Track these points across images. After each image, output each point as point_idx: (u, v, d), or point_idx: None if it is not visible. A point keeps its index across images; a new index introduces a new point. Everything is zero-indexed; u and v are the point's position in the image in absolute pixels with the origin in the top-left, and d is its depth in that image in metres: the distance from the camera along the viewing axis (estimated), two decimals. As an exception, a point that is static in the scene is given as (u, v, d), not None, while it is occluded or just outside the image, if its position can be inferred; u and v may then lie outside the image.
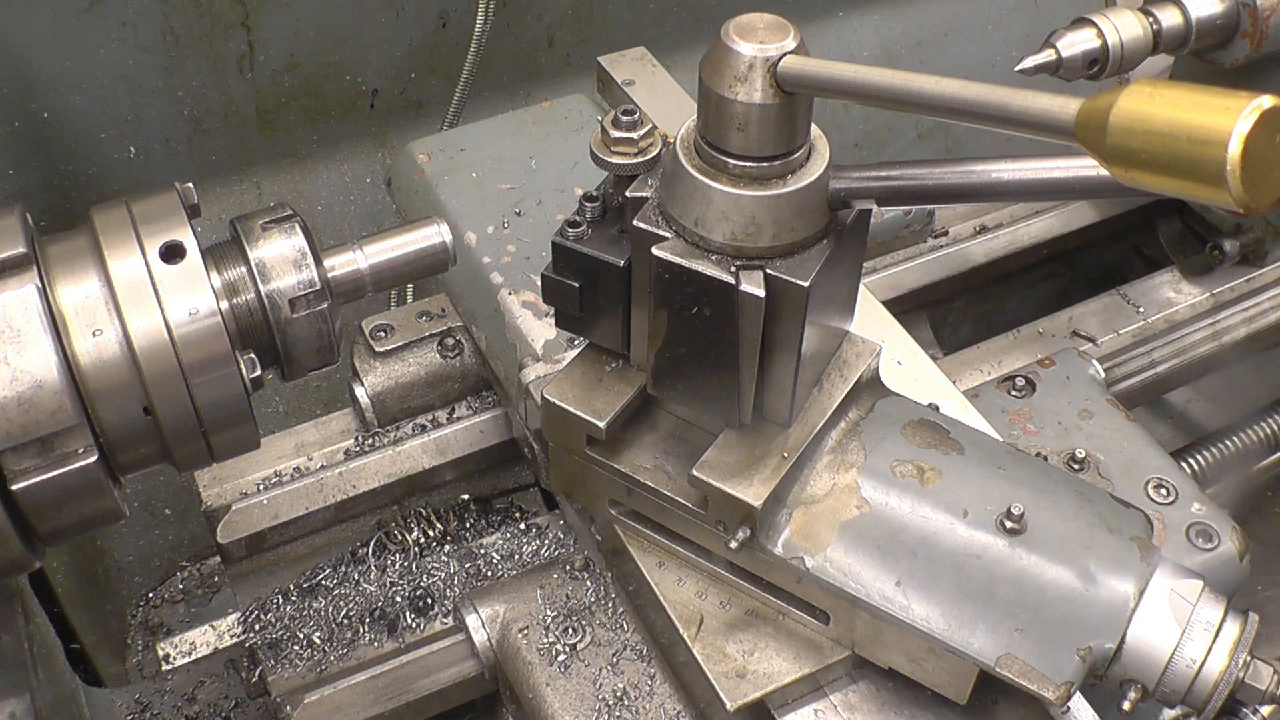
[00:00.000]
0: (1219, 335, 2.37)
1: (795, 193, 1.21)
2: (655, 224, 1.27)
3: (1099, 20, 2.01)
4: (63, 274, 1.18)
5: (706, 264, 1.23)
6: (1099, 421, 1.87)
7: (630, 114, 1.30)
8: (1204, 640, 1.28)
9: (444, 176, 1.97)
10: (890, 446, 1.42)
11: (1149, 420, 2.71)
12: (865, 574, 1.34)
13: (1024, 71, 2.00)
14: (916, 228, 2.18)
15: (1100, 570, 1.32)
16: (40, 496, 1.16)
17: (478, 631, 1.59)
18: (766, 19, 1.17)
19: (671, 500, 1.42)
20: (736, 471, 1.35)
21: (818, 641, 1.43)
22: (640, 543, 1.51)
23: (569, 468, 1.50)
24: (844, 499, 1.38)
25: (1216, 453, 2.43)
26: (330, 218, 2.86)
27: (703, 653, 1.41)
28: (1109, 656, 1.30)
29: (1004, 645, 1.29)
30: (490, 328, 1.82)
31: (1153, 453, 1.83)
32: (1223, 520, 1.73)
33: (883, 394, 1.49)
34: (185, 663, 2.36)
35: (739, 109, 1.16)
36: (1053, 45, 2.00)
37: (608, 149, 1.32)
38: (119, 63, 2.48)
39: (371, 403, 1.91)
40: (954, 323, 2.61)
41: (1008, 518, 1.33)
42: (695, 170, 1.22)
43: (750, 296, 1.22)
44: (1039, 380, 1.94)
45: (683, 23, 3.02)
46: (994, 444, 1.47)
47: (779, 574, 1.41)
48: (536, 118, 2.09)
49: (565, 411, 1.42)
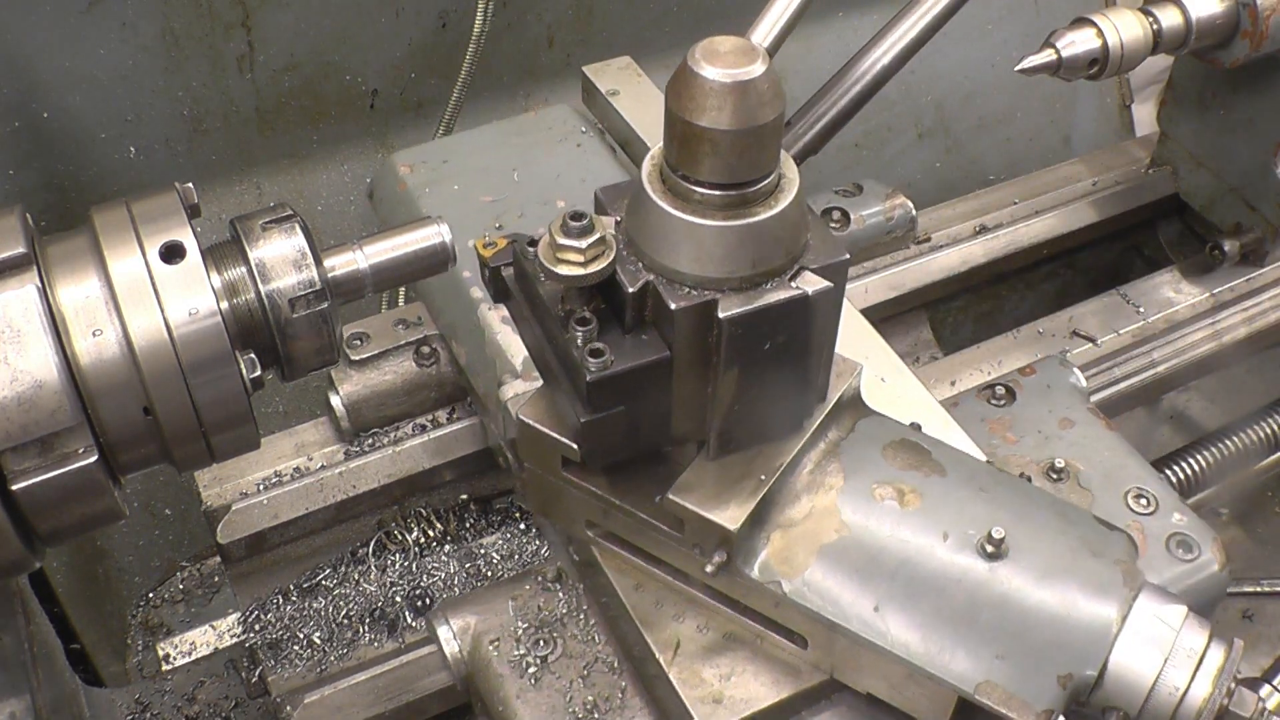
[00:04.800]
0: (1219, 335, 2.37)
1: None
2: (690, 295, 1.20)
3: (1099, 20, 2.01)
4: (63, 274, 1.18)
5: (774, 293, 1.20)
6: (1079, 431, 1.84)
7: (579, 219, 1.20)
8: (1187, 667, 1.26)
9: (426, 188, 1.94)
10: (870, 468, 1.39)
11: (1147, 421, 2.71)
12: (844, 598, 1.32)
13: (1024, 71, 2.00)
14: (899, 234, 2.16)
15: (1083, 595, 1.29)
16: (40, 496, 1.16)
17: (449, 643, 1.56)
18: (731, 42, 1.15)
19: (647, 523, 1.38)
20: (713, 494, 1.32)
21: (796, 666, 1.40)
22: (617, 564, 1.48)
23: (545, 488, 1.46)
24: (823, 522, 1.35)
25: (1216, 453, 2.42)
26: (330, 218, 2.86)
27: (679, 677, 1.38)
28: (1091, 683, 1.27)
29: (984, 672, 1.27)
30: (470, 343, 1.79)
31: (1133, 462, 1.80)
32: (1203, 531, 1.71)
33: (864, 413, 1.46)
34: (185, 663, 2.36)
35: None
36: (1053, 45, 2.00)
37: (554, 258, 1.21)
38: (119, 63, 2.47)
39: (347, 411, 1.90)
40: (954, 323, 2.61)
41: (989, 541, 1.31)
42: (693, 215, 1.19)
43: (823, 293, 1.21)
44: (1019, 389, 1.91)
45: (683, 23, 3.01)
46: (976, 465, 1.45)
47: (756, 598, 1.38)
48: (520, 128, 2.06)
49: (540, 432, 1.38)
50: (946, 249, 2.43)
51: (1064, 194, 2.56)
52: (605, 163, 2.01)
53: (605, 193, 1.33)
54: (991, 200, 2.55)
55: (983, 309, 2.63)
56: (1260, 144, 2.30)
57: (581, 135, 2.05)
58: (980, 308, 2.62)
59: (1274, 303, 2.42)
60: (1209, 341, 2.36)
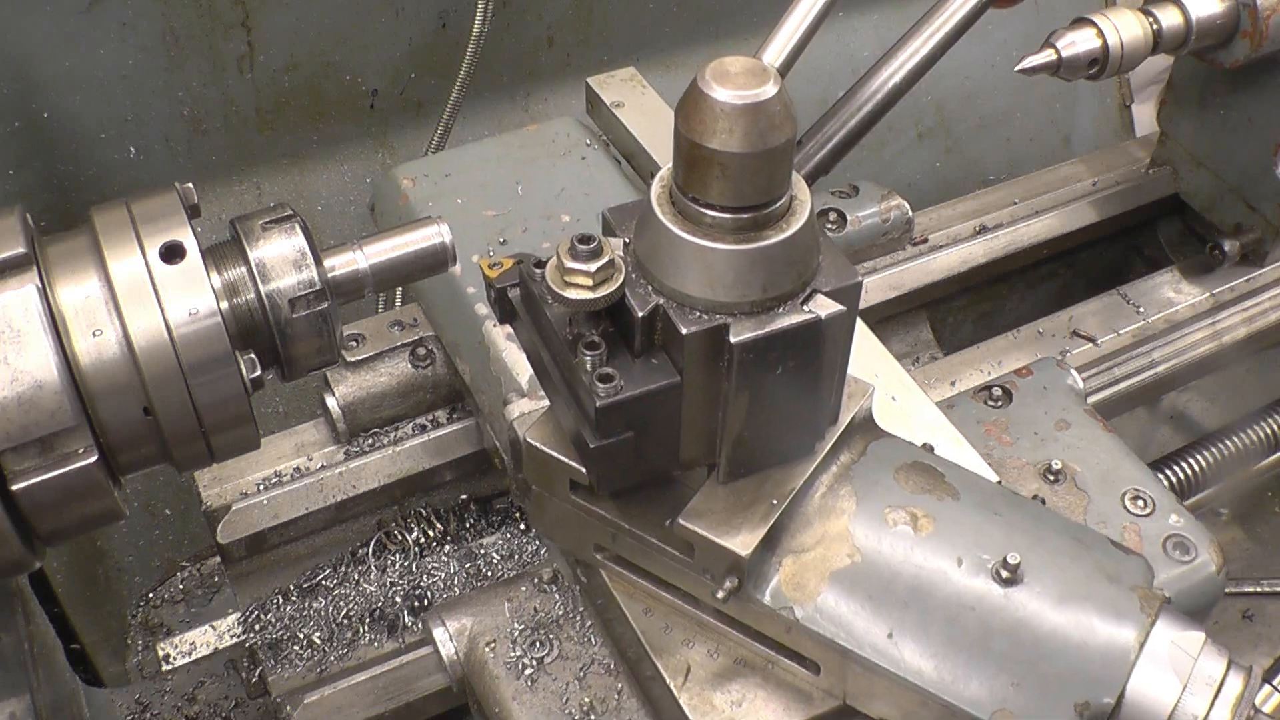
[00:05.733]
0: (1219, 335, 2.37)
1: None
2: (701, 319, 1.18)
3: (1099, 20, 2.01)
4: (63, 274, 1.18)
5: (785, 317, 1.19)
6: (1076, 432, 1.83)
7: (587, 242, 1.18)
8: (1205, 695, 1.24)
9: (428, 202, 1.92)
10: (883, 492, 1.37)
11: (1147, 421, 2.71)
12: (856, 625, 1.30)
13: (1024, 71, 2.00)
14: (895, 235, 2.16)
15: (1099, 621, 1.27)
16: (40, 497, 1.16)
17: (445, 645, 1.56)
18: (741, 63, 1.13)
19: (657, 548, 1.37)
20: (724, 520, 1.30)
21: (808, 692, 1.38)
22: (626, 588, 1.46)
23: (552, 511, 1.44)
24: (835, 547, 1.33)
25: (1216, 453, 2.42)
26: (330, 218, 2.86)
27: (689, 703, 1.37)
28: (1108, 712, 1.25)
29: (999, 700, 1.25)
30: (474, 361, 1.77)
31: (1130, 464, 1.79)
32: (1200, 533, 1.70)
33: (876, 435, 1.44)
34: (185, 663, 2.36)
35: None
36: (1053, 45, 2.00)
37: (562, 281, 1.19)
38: (119, 63, 2.47)
39: (343, 413, 1.89)
40: (954, 323, 2.61)
41: (1004, 566, 1.29)
42: (713, 241, 1.17)
43: (835, 316, 1.19)
44: (1016, 390, 1.90)
45: (683, 23, 3.01)
46: (990, 488, 1.43)
47: (768, 623, 1.36)
48: (523, 141, 2.04)
49: (547, 455, 1.36)
50: (946, 249, 2.43)
51: (1064, 194, 2.56)
52: (610, 176, 1.99)
53: (614, 214, 1.31)
54: (991, 200, 2.55)
55: (983, 309, 2.63)
56: (1260, 144, 2.30)
57: (586, 148, 2.02)
58: (980, 308, 2.62)
59: (1274, 303, 2.42)
60: (1209, 342, 2.36)
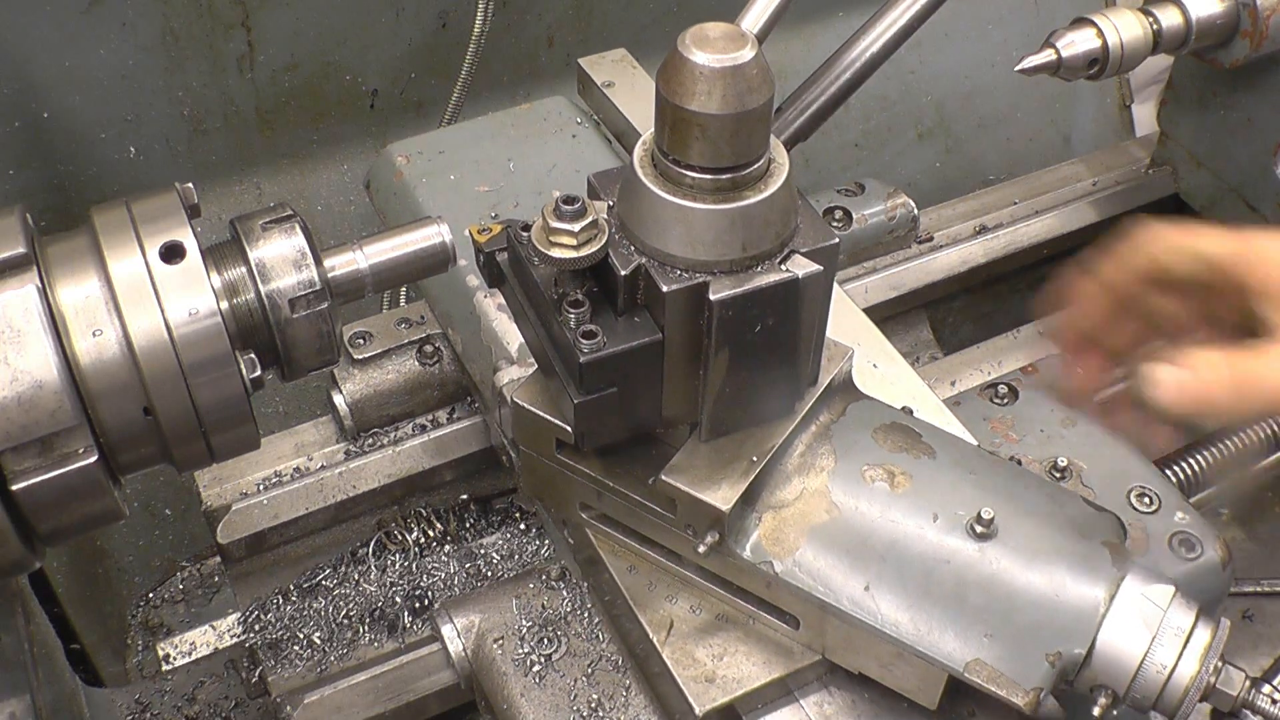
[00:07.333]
0: (1219, 335, 2.36)
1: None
2: (681, 277, 1.21)
3: (1099, 20, 2.01)
4: (63, 274, 1.18)
5: (764, 276, 1.21)
6: (1081, 429, 1.84)
7: (571, 203, 1.22)
8: (1174, 646, 1.27)
9: (422, 179, 1.97)
10: (861, 450, 1.41)
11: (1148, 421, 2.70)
12: (834, 578, 1.33)
13: (1024, 71, 2.00)
14: (901, 233, 2.16)
15: (1071, 575, 1.31)
16: (40, 497, 1.16)
17: (453, 642, 1.58)
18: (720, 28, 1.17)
19: (640, 504, 1.40)
20: (705, 476, 1.34)
21: (788, 646, 1.41)
22: (611, 547, 1.49)
23: (540, 472, 1.48)
24: (814, 503, 1.37)
25: (1217, 453, 2.42)
26: (330, 218, 2.86)
27: (672, 657, 1.40)
28: (1079, 662, 1.28)
29: (973, 650, 1.28)
30: (466, 331, 1.81)
31: (1135, 461, 1.81)
32: (1206, 529, 1.71)
33: (855, 397, 1.48)
34: (185, 663, 2.37)
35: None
36: (1053, 45, 2.00)
37: (547, 241, 1.23)
38: (119, 63, 2.47)
39: (350, 410, 1.90)
40: (954, 323, 2.61)
41: (978, 522, 1.32)
42: (687, 199, 1.20)
43: (813, 276, 1.22)
44: (1022, 388, 1.93)
45: (683, 24, 3.00)
46: (966, 447, 1.46)
47: (748, 578, 1.40)
48: (516, 120, 2.09)
49: (534, 415, 1.40)
50: (946, 249, 2.43)
51: (1064, 194, 2.56)
52: (600, 153, 2.03)
53: (598, 177, 1.34)
54: (991, 200, 2.55)
55: (983, 309, 2.62)
56: (1260, 144, 2.30)
57: (577, 126, 2.08)
58: (980, 308, 2.62)
59: (1274, 303, 2.41)
60: (1209, 341, 2.36)
